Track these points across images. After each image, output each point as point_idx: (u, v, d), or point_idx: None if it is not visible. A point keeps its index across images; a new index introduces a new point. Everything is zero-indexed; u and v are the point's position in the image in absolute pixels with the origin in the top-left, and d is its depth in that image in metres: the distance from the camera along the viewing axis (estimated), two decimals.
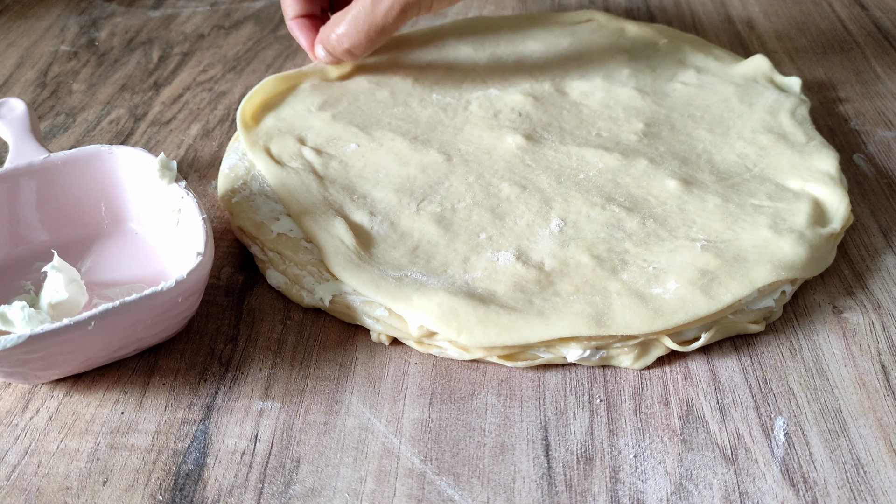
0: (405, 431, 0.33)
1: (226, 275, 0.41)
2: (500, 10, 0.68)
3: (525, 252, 0.38)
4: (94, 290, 0.37)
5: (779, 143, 0.46)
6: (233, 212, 0.41)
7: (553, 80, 0.51)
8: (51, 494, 0.31)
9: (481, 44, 0.55)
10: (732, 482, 0.31)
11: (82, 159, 0.40)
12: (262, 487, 0.31)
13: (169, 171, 0.38)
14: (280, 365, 0.36)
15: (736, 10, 0.68)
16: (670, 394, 0.35)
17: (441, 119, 0.48)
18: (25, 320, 0.32)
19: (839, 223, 0.40)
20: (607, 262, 0.38)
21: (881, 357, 0.36)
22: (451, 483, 0.31)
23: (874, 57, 0.60)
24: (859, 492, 0.31)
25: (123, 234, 0.41)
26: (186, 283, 0.33)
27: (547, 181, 0.43)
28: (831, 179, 0.42)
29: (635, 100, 0.49)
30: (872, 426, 0.33)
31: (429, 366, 0.36)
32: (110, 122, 0.52)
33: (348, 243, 0.38)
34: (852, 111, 0.54)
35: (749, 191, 0.42)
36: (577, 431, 0.33)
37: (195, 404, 0.34)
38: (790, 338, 0.38)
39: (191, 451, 0.32)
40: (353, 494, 0.31)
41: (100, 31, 0.63)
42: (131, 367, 0.36)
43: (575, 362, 0.36)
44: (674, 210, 0.41)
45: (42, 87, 0.56)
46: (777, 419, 0.34)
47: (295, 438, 0.33)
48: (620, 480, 0.31)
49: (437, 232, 0.39)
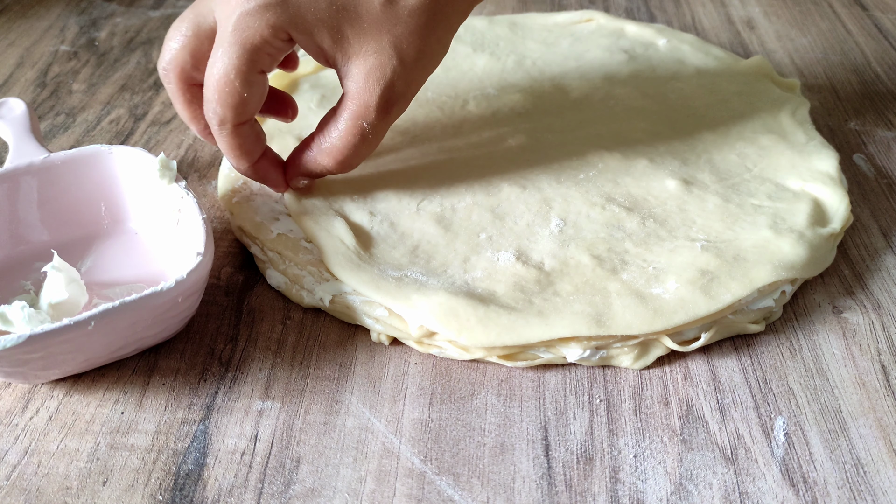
0: (405, 431, 0.33)
1: (226, 275, 0.41)
2: (500, 10, 0.68)
3: (525, 252, 0.38)
4: (94, 290, 0.37)
5: (779, 143, 0.46)
6: (233, 212, 0.41)
7: (553, 80, 0.51)
8: (51, 494, 0.31)
9: (481, 44, 0.55)
10: (732, 482, 0.31)
11: (82, 159, 0.40)
12: (262, 487, 0.31)
13: (169, 171, 0.38)
14: (280, 365, 0.36)
15: (736, 10, 0.68)
16: (670, 394, 0.35)
17: (439, 118, 0.48)
18: (25, 320, 0.32)
19: (839, 223, 0.40)
20: (607, 262, 0.38)
21: (881, 357, 0.36)
22: (451, 483, 0.31)
23: (874, 57, 0.60)
24: (859, 492, 0.31)
25: (123, 234, 0.41)
26: (186, 283, 0.33)
27: (547, 181, 0.43)
28: (831, 179, 0.42)
29: (635, 100, 0.49)
30: (872, 426, 0.33)
31: (429, 366, 0.36)
32: (110, 122, 0.52)
33: (348, 243, 0.38)
34: (852, 111, 0.54)
35: (749, 191, 0.42)
36: (577, 431, 0.33)
37: (195, 404, 0.34)
38: (790, 338, 0.38)
39: (191, 451, 0.32)
40: (353, 494, 0.31)
41: (100, 31, 0.63)
42: (131, 367, 0.36)
43: (575, 362, 0.36)
44: (674, 210, 0.41)
45: (42, 87, 0.56)
46: (777, 419, 0.34)
47: (295, 438, 0.33)
48: (620, 480, 0.31)
49: (437, 232, 0.39)
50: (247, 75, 0.35)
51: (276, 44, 0.35)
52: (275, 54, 0.36)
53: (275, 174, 0.40)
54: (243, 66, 0.35)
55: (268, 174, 0.40)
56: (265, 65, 0.36)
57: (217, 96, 0.36)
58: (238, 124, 0.37)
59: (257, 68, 0.36)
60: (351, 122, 0.37)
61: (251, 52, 0.35)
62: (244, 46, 0.35)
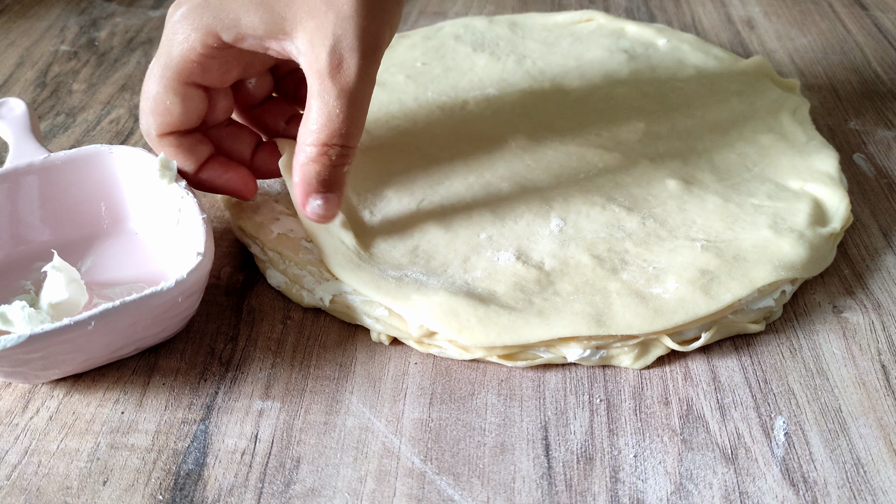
0: (405, 431, 0.33)
1: (226, 275, 0.41)
2: (500, 10, 0.68)
3: (525, 252, 0.38)
4: (94, 290, 0.37)
5: (779, 142, 0.46)
6: (233, 212, 0.41)
7: (553, 80, 0.51)
8: (51, 494, 0.31)
9: (481, 44, 0.55)
10: (732, 482, 0.31)
11: (82, 159, 0.40)
12: (262, 487, 0.31)
13: (169, 171, 0.38)
14: (280, 365, 0.36)
15: (736, 10, 0.68)
16: (670, 393, 0.35)
17: (439, 118, 0.48)
18: (26, 320, 0.32)
19: (839, 223, 0.40)
20: (607, 262, 0.38)
21: (881, 357, 0.36)
22: (451, 483, 0.31)
23: (874, 57, 0.60)
24: (859, 491, 0.31)
25: (123, 234, 0.41)
26: (187, 282, 0.33)
27: (547, 181, 0.43)
28: (831, 179, 0.43)
29: (635, 100, 0.49)
30: (872, 426, 0.33)
31: (429, 365, 0.36)
32: (110, 122, 0.52)
33: (348, 243, 0.38)
34: (852, 111, 0.54)
35: (749, 190, 0.42)
36: (577, 431, 0.33)
37: (195, 404, 0.34)
38: (790, 338, 0.38)
39: (191, 451, 0.32)
40: (353, 494, 0.31)
41: (100, 31, 0.63)
42: (131, 367, 0.36)
43: (575, 362, 0.36)
44: (674, 210, 0.41)
45: (42, 87, 0.56)
46: (777, 419, 0.34)
47: (295, 438, 0.33)
48: (620, 480, 0.31)
49: (438, 232, 0.39)
50: (172, 84, 0.35)
51: (203, 50, 0.34)
52: (205, 63, 0.35)
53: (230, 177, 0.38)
54: (167, 74, 0.35)
55: (221, 180, 0.38)
56: (195, 76, 0.35)
57: (143, 105, 0.36)
58: (161, 135, 0.36)
59: (184, 79, 0.35)
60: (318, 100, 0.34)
61: (177, 61, 0.34)
62: (170, 55, 0.35)
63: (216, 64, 0.35)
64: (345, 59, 0.33)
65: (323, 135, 0.34)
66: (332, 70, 0.33)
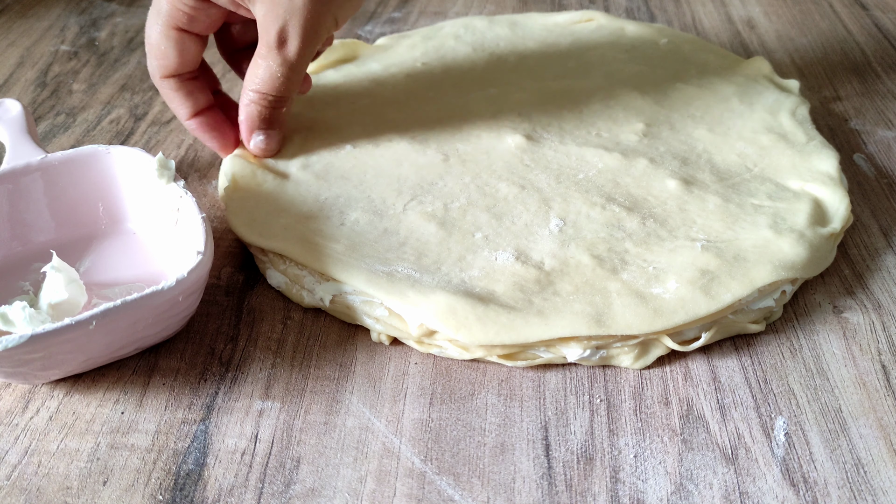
0: (405, 431, 0.33)
1: (226, 275, 0.41)
2: (500, 10, 0.68)
3: (524, 252, 0.38)
4: (93, 290, 0.37)
5: (779, 142, 0.46)
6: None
7: (553, 80, 0.51)
8: (51, 494, 0.31)
9: (481, 44, 0.55)
10: (732, 482, 0.31)
11: (80, 159, 0.40)
12: (262, 487, 0.31)
13: (167, 171, 0.38)
14: (280, 365, 0.36)
15: (736, 10, 0.68)
16: (670, 394, 0.35)
17: (439, 118, 0.48)
18: (26, 320, 0.32)
19: (839, 223, 0.40)
20: (607, 262, 0.38)
21: (881, 357, 0.36)
22: (451, 483, 0.31)
23: (874, 57, 0.60)
24: (859, 491, 0.31)
25: (122, 234, 0.41)
26: (187, 281, 0.33)
27: (546, 181, 0.43)
28: (831, 179, 0.42)
29: (635, 100, 0.49)
30: (872, 426, 0.33)
31: (429, 366, 0.36)
32: (110, 122, 0.52)
33: (337, 239, 0.38)
34: (852, 111, 0.54)
35: (749, 191, 0.42)
36: (578, 431, 0.33)
37: (195, 404, 0.34)
38: (790, 338, 0.38)
39: (191, 451, 0.32)
40: (353, 494, 0.31)
41: (100, 30, 0.63)
42: (131, 367, 0.36)
43: (575, 362, 0.36)
44: (674, 210, 0.41)
45: (42, 87, 0.56)
46: (777, 419, 0.34)
47: (295, 438, 0.33)
48: (620, 480, 0.31)
49: (428, 230, 0.39)
50: (165, 31, 0.40)
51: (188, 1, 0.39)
52: (191, 14, 0.40)
53: (214, 135, 0.44)
54: (160, 21, 0.40)
55: (205, 134, 0.44)
56: (184, 24, 0.40)
57: (146, 48, 0.42)
58: (163, 77, 0.42)
59: (172, 24, 0.40)
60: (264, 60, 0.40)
61: (167, 9, 0.40)
62: (160, 4, 0.40)
63: (202, 15, 0.40)
64: (289, 40, 0.39)
65: (265, 87, 0.41)
66: (279, 45, 0.40)
